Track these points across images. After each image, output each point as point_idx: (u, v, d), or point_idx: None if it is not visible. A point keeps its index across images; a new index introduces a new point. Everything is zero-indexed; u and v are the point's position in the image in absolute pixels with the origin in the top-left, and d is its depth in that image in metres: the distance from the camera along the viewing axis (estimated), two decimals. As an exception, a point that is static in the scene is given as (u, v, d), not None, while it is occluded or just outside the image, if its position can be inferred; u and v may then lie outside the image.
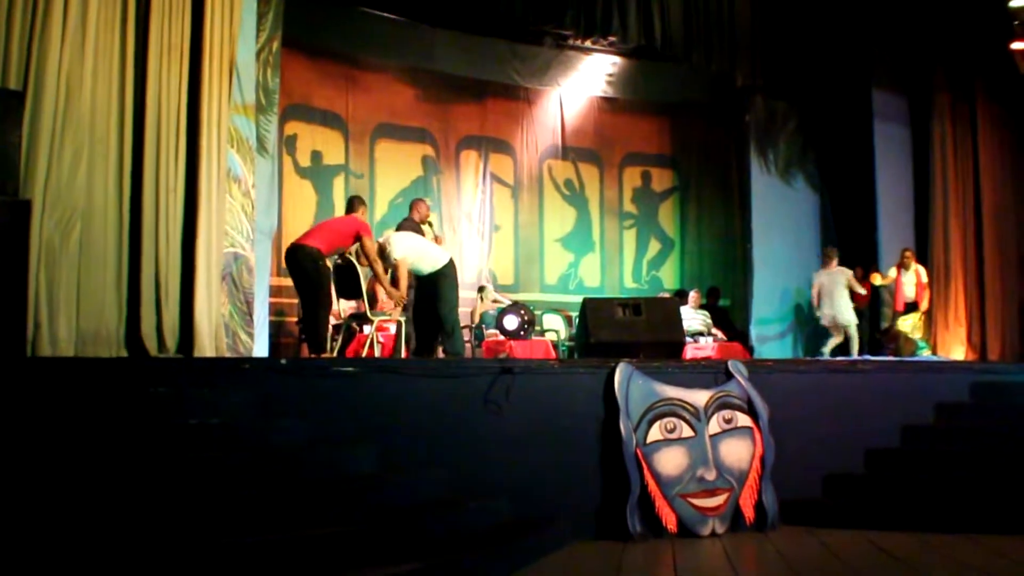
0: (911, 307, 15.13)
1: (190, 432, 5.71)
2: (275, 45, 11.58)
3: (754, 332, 16.66)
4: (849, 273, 15.15)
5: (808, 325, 16.96)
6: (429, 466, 6.43)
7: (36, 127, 7.95)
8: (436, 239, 11.30)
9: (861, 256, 15.91)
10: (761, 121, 17.20)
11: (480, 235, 16.97)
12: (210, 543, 4.70)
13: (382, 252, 10.06)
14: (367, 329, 10.82)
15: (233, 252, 10.19)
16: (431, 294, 10.18)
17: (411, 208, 11.55)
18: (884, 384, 8.48)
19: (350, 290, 10.35)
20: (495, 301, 15.06)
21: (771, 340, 16.64)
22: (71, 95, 8.27)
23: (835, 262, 15.27)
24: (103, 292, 8.48)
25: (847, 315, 14.94)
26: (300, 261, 9.51)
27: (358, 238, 9.78)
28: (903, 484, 7.74)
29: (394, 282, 10.09)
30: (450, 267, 10.27)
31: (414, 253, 10.20)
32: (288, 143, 14.56)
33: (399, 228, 11.03)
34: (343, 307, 11.65)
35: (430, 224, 11.51)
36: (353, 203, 10.45)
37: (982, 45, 15.02)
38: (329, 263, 9.80)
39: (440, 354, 10.15)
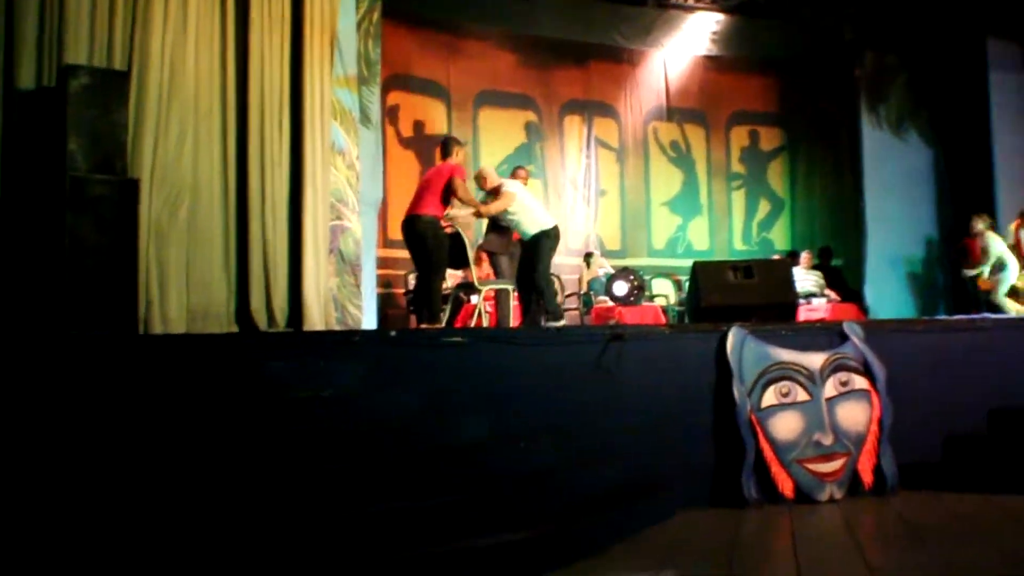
0: None
1: (302, 405, 5.73)
2: (375, 16, 11.64)
3: (869, 291, 16.37)
4: None
5: (926, 282, 16.75)
6: (540, 434, 6.25)
7: (141, 106, 8.22)
8: None
9: (979, 209, 15.37)
10: (871, 75, 16.83)
11: (586, 201, 16.97)
12: (325, 514, 4.74)
13: (496, 190, 9.88)
14: (475, 299, 10.74)
15: (340, 225, 10.28)
16: (529, 258, 9.90)
17: (512, 176, 11.30)
18: (1007, 342, 8.10)
19: (457, 259, 10.05)
20: (601, 267, 15.05)
21: (887, 299, 16.35)
22: (175, 73, 8.52)
23: None
24: (212, 269, 8.75)
25: None
26: (420, 232, 9.26)
27: (451, 182, 9.35)
28: (1028, 445, 7.48)
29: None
30: (554, 231, 9.99)
31: (524, 203, 9.93)
32: (390, 114, 14.55)
33: None
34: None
35: None
36: (448, 145, 9.85)
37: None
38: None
39: (544, 322, 9.94)
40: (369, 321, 11.02)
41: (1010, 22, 15.92)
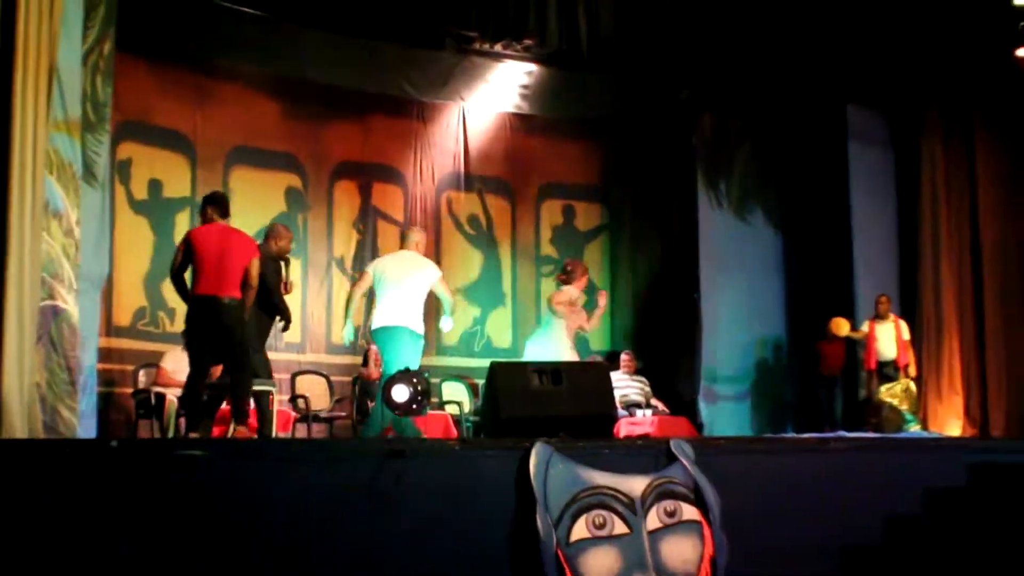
0: (887, 368, 15.29)
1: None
2: (107, 47, 11.35)
3: (703, 403, 16.61)
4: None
5: (771, 394, 17.05)
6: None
7: None
8: (286, 283, 11.40)
9: (835, 307, 16.01)
10: (711, 143, 17.14)
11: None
12: None
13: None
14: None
15: (51, 305, 9.94)
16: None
17: (267, 235, 11.58)
18: (863, 467, 8.20)
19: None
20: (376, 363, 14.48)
21: (724, 412, 16.67)
22: None
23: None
24: None
25: None
26: (225, 320, 9.75)
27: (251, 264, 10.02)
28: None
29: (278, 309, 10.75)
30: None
31: None
32: (121, 169, 14.37)
33: None
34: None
35: (287, 261, 11.47)
36: (215, 205, 10.38)
37: (980, 54, 14.99)
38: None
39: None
40: (87, 428, 10.66)
41: (874, 91, 16.46)
